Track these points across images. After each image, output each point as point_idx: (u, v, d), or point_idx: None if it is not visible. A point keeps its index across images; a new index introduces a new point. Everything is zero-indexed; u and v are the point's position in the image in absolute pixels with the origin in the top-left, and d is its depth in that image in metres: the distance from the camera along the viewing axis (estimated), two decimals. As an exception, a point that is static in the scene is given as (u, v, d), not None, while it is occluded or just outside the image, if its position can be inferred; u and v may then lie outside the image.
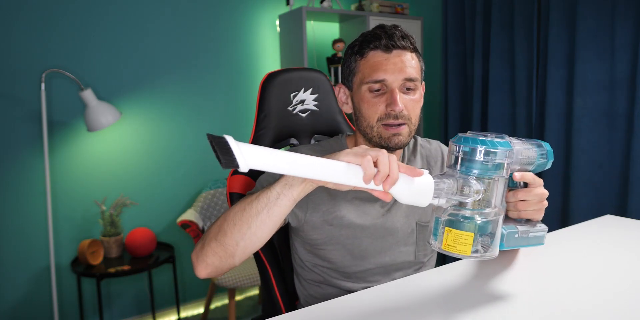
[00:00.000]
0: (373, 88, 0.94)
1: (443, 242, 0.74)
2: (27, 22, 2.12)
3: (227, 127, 2.67)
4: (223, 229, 0.81)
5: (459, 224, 0.72)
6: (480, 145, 0.72)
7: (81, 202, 2.30)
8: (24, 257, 2.20)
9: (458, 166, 0.73)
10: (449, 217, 0.73)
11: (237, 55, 2.67)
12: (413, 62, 0.95)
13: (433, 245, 0.75)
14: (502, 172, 0.73)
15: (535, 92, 2.47)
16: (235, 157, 0.55)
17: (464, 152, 0.73)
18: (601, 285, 0.91)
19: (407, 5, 2.93)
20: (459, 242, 0.72)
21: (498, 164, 0.72)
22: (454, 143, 0.75)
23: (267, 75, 1.17)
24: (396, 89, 0.93)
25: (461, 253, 0.72)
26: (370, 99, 0.95)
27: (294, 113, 1.19)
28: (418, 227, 1.05)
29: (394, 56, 0.93)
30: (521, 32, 2.48)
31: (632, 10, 2.07)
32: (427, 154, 1.12)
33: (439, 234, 0.74)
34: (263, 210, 0.78)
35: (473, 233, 0.72)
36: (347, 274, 1.02)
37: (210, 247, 0.83)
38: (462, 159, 0.73)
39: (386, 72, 0.92)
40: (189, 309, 2.62)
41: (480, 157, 0.72)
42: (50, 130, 2.19)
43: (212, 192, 2.53)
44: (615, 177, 2.20)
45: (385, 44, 0.93)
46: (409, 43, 0.95)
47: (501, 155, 0.72)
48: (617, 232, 1.26)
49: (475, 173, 0.72)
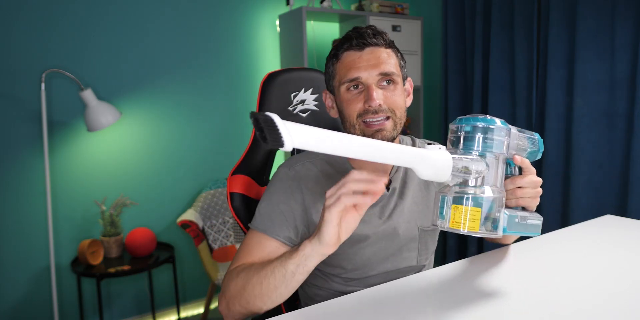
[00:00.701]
0: (350, 86, 0.95)
1: (450, 220, 0.75)
2: (27, 22, 2.12)
3: (227, 127, 2.67)
4: (245, 297, 0.85)
5: (466, 200, 0.74)
6: (481, 122, 0.75)
7: (81, 202, 2.30)
8: (24, 257, 2.20)
9: (460, 145, 0.76)
10: (455, 194, 0.75)
11: (237, 55, 2.67)
12: (389, 59, 0.94)
13: (439, 225, 0.76)
14: (502, 149, 0.76)
15: (535, 92, 2.47)
16: (282, 136, 0.54)
17: (465, 131, 0.76)
18: (601, 285, 0.91)
19: (407, 5, 2.93)
20: (468, 219, 0.73)
21: (498, 141, 0.76)
22: (455, 124, 0.78)
23: (268, 75, 1.17)
24: (372, 84, 0.93)
25: (470, 229, 0.73)
26: (348, 98, 0.95)
27: (295, 113, 1.19)
28: (420, 232, 1.05)
29: (366, 53, 0.94)
30: (521, 32, 2.48)
31: (632, 10, 2.07)
32: None
33: (445, 212, 0.75)
34: (281, 285, 0.82)
35: (481, 208, 0.73)
36: (349, 280, 1.02)
37: (236, 309, 0.87)
38: (465, 138, 0.76)
39: (359, 70, 0.93)
40: (189, 309, 2.62)
41: (481, 134, 0.75)
42: (50, 130, 2.19)
43: (212, 192, 2.53)
44: (615, 177, 2.20)
45: (357, 43, 0.93)
46: (382, 39, 0.95)
47: (500, 132, 0.76)
48: (617, 232, 1.26)
49: (478, 150, 0.75)
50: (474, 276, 0.97)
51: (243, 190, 1.09)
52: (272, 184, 1.00)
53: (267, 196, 0.99)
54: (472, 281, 0.95)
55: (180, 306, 2.56)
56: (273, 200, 0.97)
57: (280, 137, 0.54)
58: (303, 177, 0.99)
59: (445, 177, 0.72)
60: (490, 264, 1.04)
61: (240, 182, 1.10)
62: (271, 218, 0.95)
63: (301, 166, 1.01)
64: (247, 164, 1.13)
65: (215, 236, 2.45)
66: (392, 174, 1.05)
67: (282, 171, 1.00)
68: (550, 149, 2.41)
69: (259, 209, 0.98)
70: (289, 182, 0.98)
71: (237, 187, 1.09)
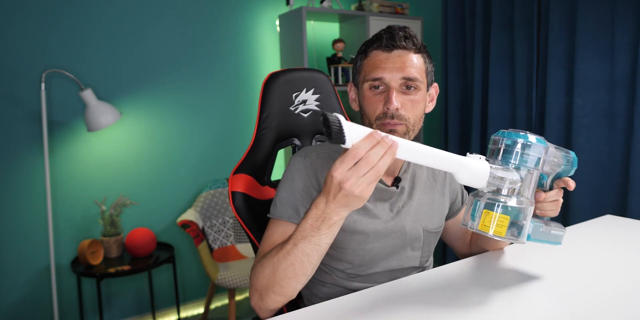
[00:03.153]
0: (372, 85, 0.95)
1: (480, 223, 0.81)
2: (27, 22, 2.11)
3: (227, 127, 2.67)
4: (278, 283, 0.83)
5: (497, 207, 0.80)
6: (521, 139, 0.81)
7: (81, 202, 2.30)
8: (24, 257, 2.20)
9: (499, 157, 0.82)
10: (488, 201, 0.81)
11: (237, 55, 2.67)
12: (415, 63, 0.95)
13: (469, 225, 0.83)
14: (537, 166, 0.82)
15: (535, 92, 2.47)
16: (345, 135, 0.61)
17: (506, 144, 0.82)
18: (601, 285, 0.92)
19: (407, 5, 2.93)
20: (496, 224, 0.80)
21: (534, 157, 0.82)
22: (497, 135, 0.84)
23: (270, 75, 1.18)
24: (394, 88, 0.94)
25: (497, 234, 0.80)
26: (370, 97, 0.96)
27: (296, 113, 1.19)
28: (425, 233, 1.07)
29: (394, 56, 0.94)
30: (521, 32, 2.48)
31: (632, 10, 2.08)
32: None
33: (477, 215, 0.82)
34: (316, 261, 0.81)
35: (509, 216, 0.80)
36: (355, 275, 1.03)
37: (270, 298, 0.85)
38: (504, 150, 0.82)
39: (384, 71, 0.94)
40: (189, 309, 2.62)
41: (520, 149, 0.81)
42: (50, 130, 2.19)
43: (212, 192, 2.53)
44: (615, 177, 2.20)
45: (386, 44, 0.94)
46: (412, 43, 0.95)
47: (537, 149, 0.82)
48: (617, 232, 1.26)
49: (514, 163, 0.81)
50: (475, 276, 0.98)
51: (245, 189, 1.09)
52: (289, 172, 1.00)
53: (286, 184, 0.98)
54: (473, 280, 0.95)
55: (180, 306, 2.56)
56: (293, 189, 0.97)
57: (343, 135, 0.62)
58: (318, 166, 0.99)
59: (481, 184, 0.79)
60: (490, 264, 1.04)
61: (242, 181, 1.10)
62: (293, 205, 0.95)
63: (316, 156, 1.01)
64: (249, 163, 1.13)
65: (215, 236, 2.45)
66: (402, 173, 1.06)
67: (299, 160, 1.00)
68: (550, 149, 2.41)
69: (279, 198, 0.97)
70: (306, 170, 0.98)
71: (239, 186, 1.09)
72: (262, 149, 1.15)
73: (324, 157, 1.01)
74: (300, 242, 0.79)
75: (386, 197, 1.02)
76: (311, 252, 0.80)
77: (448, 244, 1.27)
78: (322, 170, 0.99)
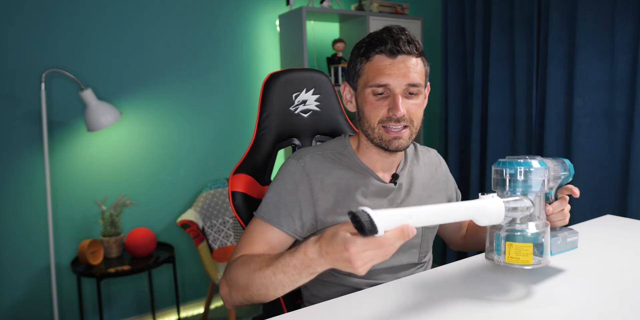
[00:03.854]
0: (376, 91, 0.95)
1: (506, 256, 0.84)
2: (27, 22, 2.11)
3: (227, 127, 2.67)
4: (249, 293, 0.85)
5: (518, 237, 0.83)
6: (523, 167, 0.84)
7: (81, 202, 2.30)
8: (24, 257, 2.20)
9: (507, 187, 0.85)
10: (507, 233, 0.84)
11: (237, 56, 2.67)
12: (418, 68, 0.95)
13: (496, 260, 0.86)
14: (543, 188, 0.85)
15: (535, 92, 2.47)
16: (376, 225, 0.64)
17: (510, 174, 0.85)
18: (601, 285, 0.92)
19: (407, 5, 2.93)
20: (521, 254, 0.83)
21: (539, 181, 0.84)
22: (499, 167, 0.86)
23: (270, 75, 1.18)
24: (399, 94, 0.94)
25: (524, 263, 0.83)
26: (373, 102, 0.96)
27: (296, 113, 1.19)
28: (423, 229, 1.08)
29: (398, 61, 0.94)
30: (521, 32, 2.48)
31: (632, 10, 2.08)
32: (428, 161, 1.16)
33: (501, 249, 0.85)
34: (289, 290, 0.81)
35: (531, 243, 0.83)
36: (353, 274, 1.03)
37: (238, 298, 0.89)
38: (510, 180, 0.85)
39: (390, 77, 0.93)
40: (189, 309, 2.62)
41: (524, 177, 0.84)
42: (50, 130, 2.19)
43: (212, 192, 2.53)
44: (615, 177, 2.20)
45: (391, 49, 0.93)
46: (415, 48, 0.95)
47: (540, 173, 0.84)
48: (617, 232, 1.26)
49: (520, 191, 0.84)
50: (473, 276, 0.98)
51: (245, 189, 1.09)
52: (280, 174, 1.01)
53: (274, 186, 0.99)
54: (473, 280, 0.95)
55: (180, 306, 2.56)
56: (280, 191, 0.98)
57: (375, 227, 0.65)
58: (312, 168, 0.99)
59: (499, 221, 0.81)
60: (489, 264, 1.04)
61: (242, 181, 1.10)
62: (277, 208, 0.96)
63: (310, 157, 1.01)
64: (249, 163, 1.13)
65: (215, 236, 2.45)
66: (399, 170, 1.06)
67: (291, 162, 1.01)
68: (550, 149, 2.41)
69: (265, 199, 0.99)
70: (297, 173, 0.99)
71: (239, 186, 1.09)
72: (262, 149, 1.15)
73: (318, 158, 1.02)
74: (279, 274, 0.79)
75: (384, 193, 1.03)
76: (288, 284, 0.80)
77: (442, 237, 1.28)
78: (316, 172, 0.99)
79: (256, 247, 0.94)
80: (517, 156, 0.87)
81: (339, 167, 1.01)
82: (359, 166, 1.03)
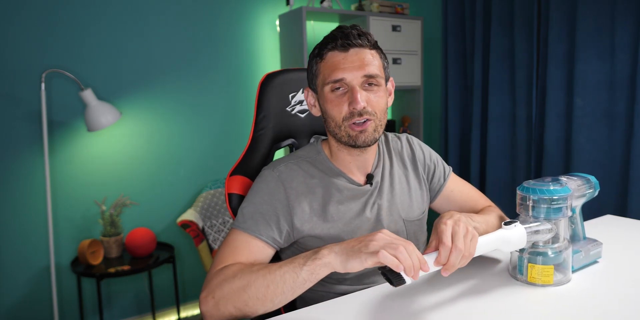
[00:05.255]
0: (334, 87, 0.95)
1: (528, 275, 0.90)
2: (27, 22, 2.12)
3: (227, 127, 2.68)
4: (243, 299, 0.81)
5: (539, 259, 0.89)
6: (546, 195, 0.88)
7: (81, 202, 2.30)
8: (24, 257, 2.20)
9: (530, 212, 0.90)
10: (530, 255, 0.90)
11: (237, 56, 2.67)
12: (373, 60, 0.95)
13: (519, 279, 0.93)
14: (567, 212, 0.89)
15: (535, 92, 2.47)
16: (404, 276, 0.73)
17: (533, 200, 0.89)
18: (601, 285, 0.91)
19: (407, 5, 2.93)
20: (543, 275, 0.89)
21: (563, 207, 0.89)
22: (523, 193, 0.91)
23: (266, 75, 1.18)
24: (356, 86, 0.93)
25: (546, 283, 0.89)
26: (333, 99, 0.95)
27: (293, 113, 1.19)
28: (407, 223, 1.06)
29: (351, 55, 0.94)
30: (521, 32, 2.48)
31: (632, 10, 2.07)
32: (400, 150, 1.13)
33: (524, 270, 0.91)
34: (289, 291, 0.80)
35: (552, 265, 0.89)
36: (343, 279, 1.02)
37: (227, 310, 0.82)
38: (533, 206, 0.90)
39: (344, 71, 0.93)
40: (189, 309, 2.62)
41: (547, 204, 0.88)
42: (50, 130, 2.20)
43: (212, 192, 2.53)
44: (615, 177, 2.20)
45: (342, 44, 0.93)
46: (367, 40, 0.95)
47: (563, 200, 0.88)
48: (617, 232, 1.26)
49: (543, 216, 0.89)
50: (471, 276, 0.97)
51: (241, 191, 1.09)
52: (256, 185, 1.01)
53: (250, 197, 0.99)
54: (470, 281, 0.95)
55: (180, 306, 2.56)
56: (256, 201, 0.98)
57: (402, 277, 0.73)
58: (286, 177, 0.99)
59: (522, 246, 0.87)
60: (489, 264, 1.04)
61: (239, 183, 1.10)
62: (254, 218, 0.95)
63: (284, 167, 1.01)
64: (245, 165, 1.13)
65: (215, 236, 2.45)
66: (374, 169, 1.05)
67: (266, 172, 1.01)
68: (550, 149, 2.41)
69: (241, 209, 0.98)
70: (272, 183, 0.99)
71: (236, 188, 1.09)
72: (259, 149, 1.15)
73: (292, 167, 1.01)
74: (285, 266, 0.80)
75: (359, 196, 1.02)
76: (288, 280, 0.79)
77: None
78: (291, 180, 0.99)
79: (239, 257, 0.91)
80: (543, 179, 0.91)
81: (313, 175, 1.01)
82: (332, 171, 1.02)
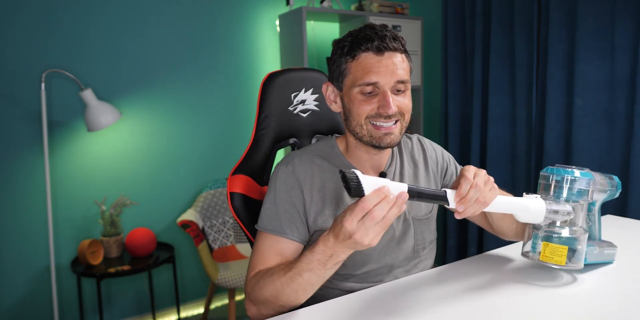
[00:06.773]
0: (365, 91, 0.94)
1: (541, 254, 0.91)
2: (27, 22, 2.12)
3: (227, 127, 2.67)
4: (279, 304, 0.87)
5: (554, 238, 0.90)
6: (569, 175, 0.91)
7: (81, 202, 2.30)
8: (24, 257, 2.20)
9: (551, 192, 0.92)
10: (546, 233, 0.91)
11: (237, 55, 2.67)
12: (404, 64, 0.95)
13: (531, 257, 0.93)
14: (587, 197, 0.92)
15: (535, 92, 2.47)
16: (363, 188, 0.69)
17: (556, 180, 0.92)
18: (601, 285, 0.91)
19: (407, 5, 2.93)
20: (556, 254, 0.89)
21: (584, 191, 0.91)
22: (546, 173, 0.94)
23: (268, 75, 1.17)
24: (388, 91, 0.93)
25: (557, 263, 0.90)
26: (362, 100, 0.95)
27: (295, 113, 1.19)
28: (414, 221, 1.06)
29: (385, 58, 0.93)
30: (521, 32, 2.48)
31: (632, 10, 2.08)
32: (410, 149, 1.14)
33: (537, 247, 0.92)
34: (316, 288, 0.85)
35: (567, 246, 0.89)
36: (349, 275, 1.02)
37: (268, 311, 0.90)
38: (555, 186, 0.92)
39: (379, 75, 0.92)
40: (189, 309, 2.62)
41: (569, 184, 0.91)
42: (50, 130, 2.19)
43: (212, 192, 2.53)
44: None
45: (378, 46, 0.92)
46: (400, 44, 0.95)
47: (585, 183, 0.91)
48: (617, 232, 1.26)
49: (564, 197, 0.91)
50: (474, 276, 0.98)
51: (243, 190, 1.09)
52: (272, 183, 1.01)
53: (270, 196, 1.00)
54: (472, 281, 0.95)
55: (180, 306, 2.56)
56: (277, 200, 0.98)
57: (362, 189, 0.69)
58: (300, 171, 1.00)
59: (539, 220, 0.89)
60: (489, 264, 1.04)
61: (241, 182, 1.10)
62: (278, 217, 0.96)
63: (298, 160, 1.02)
64: (247, 164, 1.13)
65: (215, 236, 2.45)
66: (387, 168, 1.06)
67: (281, 169, 1.01)
68: (550, 149, 2.41)
69: (264, 210, 0.99)
70: (288, 179, 0.99)
71: (238, 187, 1.09)
72: (261, 149, 1.15)
73: (306, 160, 1.02)
74: (306, 273, 0.82)
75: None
76: (316, 282, 0.83)
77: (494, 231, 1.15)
78: (305, 175, 1.00)
79: (268, 260, 0.94)
80: (567, 165, 0.93)
81: (326, 169, 1.01)
82: (345, 167, 1.03)
